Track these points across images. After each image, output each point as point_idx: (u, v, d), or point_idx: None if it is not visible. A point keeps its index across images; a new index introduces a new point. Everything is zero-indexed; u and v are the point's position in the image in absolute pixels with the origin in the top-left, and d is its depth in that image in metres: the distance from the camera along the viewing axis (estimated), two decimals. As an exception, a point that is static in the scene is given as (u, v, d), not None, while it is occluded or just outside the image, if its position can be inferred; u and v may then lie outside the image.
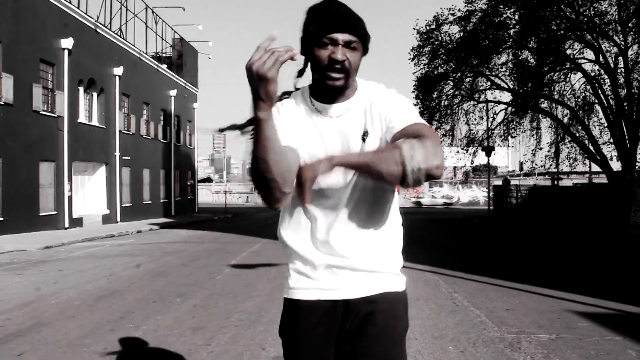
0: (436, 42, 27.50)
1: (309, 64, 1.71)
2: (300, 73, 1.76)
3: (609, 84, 24.37)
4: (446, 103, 28.87)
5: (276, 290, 7.32)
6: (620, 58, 23.94)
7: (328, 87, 1.67)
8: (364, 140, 1.69)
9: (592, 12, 23.80)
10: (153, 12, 30.45)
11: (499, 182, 37.11)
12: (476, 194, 52.02)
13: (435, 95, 28.59)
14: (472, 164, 32.23)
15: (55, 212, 20.51)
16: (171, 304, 6.60)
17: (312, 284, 1.74)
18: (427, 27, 27.16)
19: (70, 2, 21.35)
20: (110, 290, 7.61)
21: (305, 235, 1.75)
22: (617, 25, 23.58)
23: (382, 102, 1.71)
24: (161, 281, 8.44)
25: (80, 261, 11.21)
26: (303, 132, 1.71)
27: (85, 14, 22.63)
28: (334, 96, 1.71)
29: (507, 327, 5.40)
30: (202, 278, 8.70)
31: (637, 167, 23.44)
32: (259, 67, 1.35)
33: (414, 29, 27.32)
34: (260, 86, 1.37)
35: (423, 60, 27.79)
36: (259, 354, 4.52)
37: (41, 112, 19.54)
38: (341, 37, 1.62)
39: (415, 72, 28.13)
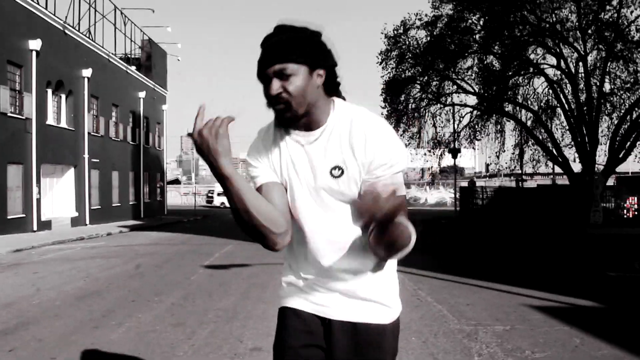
0: (404, 47, 28.04)
1: None
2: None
3: (570, 88, 25.29)
4: (413, 106, 29.44)
5: (251, 289, 7.66)
6: (581, 63, 24.86)
7: (278, 119, 1.67)
8: (333, 176, 1.66)
9: (554, 19, 24.68)
10: (122, 13, 30.36)
11: (465, 184, 38.01)
12: (443, 195, 52.91)
13: (402, 99, 29.11)
14: (439, 165, 32.96)
15: (24, 215, 20.37)
16: (150, 303, 6.89)
17: (301, 294, 1.77)
18: (395, 32, 27.71)
19: (37, 3, 21.22)
20: (89, 290, 7.84)
21: (301, 253, 1.75)
22: (577, 32, 24.50)
23: (370, 138, 1.63)
24: (137, 282, 8.68)
25: (54, 263, 11.33)
26: (281, 162, 1.72)
27: (53, 14, 22.50)
28: (296, 125, 1.67)
29: (466, 320, 5.85)
30: (178, 278, 8.97)
31: (596, 169, 24.39)
32: (204, 146, 1.46)
33: (382, 33, 27.85)
34: (213, 157, 1.47)
35: (391, 64, 28.29)
36: (237, 346, 4.86)
37: (9, 114, 19.38)
38: (271, 70, 1.60)
39: (383, 76, 28.64)
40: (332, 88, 1.69)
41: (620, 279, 8.97)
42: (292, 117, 1.62)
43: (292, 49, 1.59)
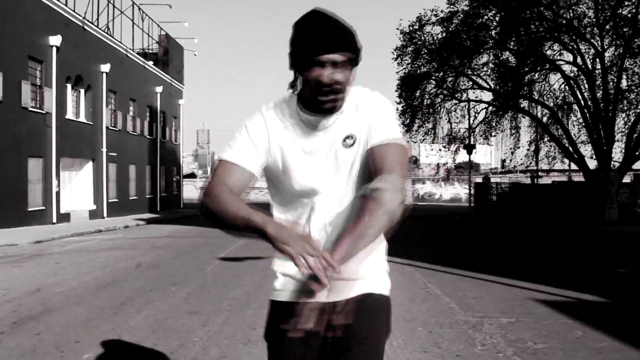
0: (419, 42, 28.11)
1: (300, 76, 1.67)
2: (292, 86, 1.72)
3: (587, 85, 25.19)
4: (429, 102, 29.52)
5: (264, 280, 7.86)
6: (598, 60, 24.75)
7: (318, 107, 1.66)
8: (348, 145, 1.71)
9: (571, 15, 24.58)
10: (140, 9, 30.73)
11: (480, 180, 37.97)
12: (458, 191, 52.83)
13: (418, 94, 29.21)
14: (454, 161, 32.98)
15: (44, 208, 20.81)
16: (167, 292, 7.14)
17: (299, 286, 1.69)
18: (411, 28, 27.77)
19: (58, 0, 21.62)
20: (108, 280, 8.13)
21: None
22: (595, 28, 24.38)
23: (367, 106, 1.72)
24: (155, 272, 8.95)
25: (74, 254, 11.67)
26: (288, 154, 1.72)
27: (73, 11, 22.90)
28: (324, 112, 1.68)
29: (472, 312, 6.01)
30: (193, 269, 9.23)
31: (612, 166, 24.29)
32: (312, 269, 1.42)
33: (398, 29, 27.92)
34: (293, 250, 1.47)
35: (406, 60, 28.38)
36: (250, 333, 5.08)
37: (30, 109, 19.81)
38: (328, 58, 1.58)
39: (399, 72, 28.73)
40: None
41: (629, 276, 9.06)
42: (333, 108, 1.66)
43: (350, 40, 1.62)
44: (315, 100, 1.65)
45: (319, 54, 1.58)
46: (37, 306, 6.28)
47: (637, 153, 23.84)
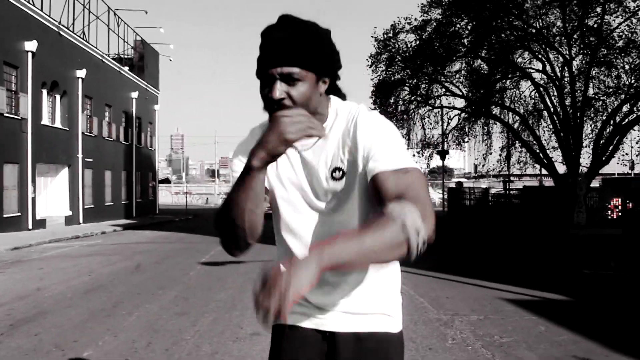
0: (393, 50, 28.60)
1: None
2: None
3: (556, 92, 25.99)
4: (403, 108, 30.02)
5: (246, 283, 8.20)
6: (566, 68, 25.55)
7: None
8: (334, 178, 1.51)
9: (540, 24, 25.37)
10: (115, 14, 30.74)
11: (453, 185, 38.70)
12: (432, 196, 53.71)
13: (392, 101, 29.69)
14: (427, 167, 33.60)
15: (19, 214, 20.75)
16: (154, 296, 7.43)
17: (297, 309, 1.58)
18: (385, 35, 28.30)
19: (33, 4, 21.60)
20: (95, 284, 8.37)
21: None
22: (563, 37, 25.20)
23: (362, 129, 1.49)
24: (139, 277, 9.21)
25: (56, 260, 11.82)
26: (279, 165, 1.56)
27: (49, 16, 22.89)
28: None
29: (444, 311, 6.43)
30: (177, 274, 9.50)
31: (580, 171, 25.09)
32: (288, 128, 1.28)
33: (372, 36, 28.43)
34: (276, 143, 1.29)
35: (380, 67, 28.83)
36: (238, 331, 5.42)
37: (5, 115, 19.77)
38: (277, 71, 1.39)
39: (373, 79, 29.21)
40: (332, 90, 1.55)
41: (594, 276, 9.58)
42: None
43: (304, 52, 1.40)
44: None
45: (268, 67, 1.41)
46: (30, 309, 6.51)
47: (603, 158, 24.66)
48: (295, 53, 1.38)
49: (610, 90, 25.88)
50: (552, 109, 25.88)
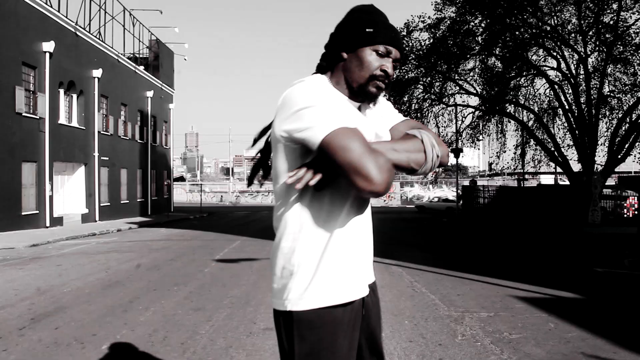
0: (407, 48, 28.65)
1: (340, 63, 1.67)
2: (322, 68, 1.73)
3: (571, 90, 25.84)
4: (416, 106, 30.02)
5: (260, 280, 8.34)
6: (581, 65, 25.39)
7: (367, 93, 1.65)
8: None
9: (555, 22, 25.23)
10: (130, 14, 31.08)
11: (467, 183, 38.59)
12: (446, 194, 53.50)
13: (406, 99, 29.72)
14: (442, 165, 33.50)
15: (37, 212, 21.10)
16: (170, 292, 7.58)
17: (350, 276, 1.65)
18: (399, 34, 28.30)
19: (50, 6, 21.93)
20: (112, 281, 8.55)
21: (353, 224, 1.67)
22: (578, 34, 25.05)
23: (386, 108, 1.82)
24: (156, 274, 9.37)
25: (74, 257, 12.04)
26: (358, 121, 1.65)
27: (65, 17, 23.21)
28: (364, 100, 1.70)
29: (455, 308, 6.50)
30: (192, 271, 9.66)
31: (595, 169, 24.95)
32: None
33: (386, 35, 28.40)
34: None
35: (394, 65, 28.86)
36: (251, 326, 5.54)
37: (23, 114, 20.12)
38: (395, 52, 1.63)
39: (387, 77, 29.15)
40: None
41: (606, 275, 9.59)
42: (377, 97, 1.68)
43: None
44: (369, 85, 1.64)
45: (393, 45, 1.63)
46: (50, 304, 6.69)
47: (619, 156, 24.48)
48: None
49: (627, 87, 25.69)
50: (567, 107, 25.75)
